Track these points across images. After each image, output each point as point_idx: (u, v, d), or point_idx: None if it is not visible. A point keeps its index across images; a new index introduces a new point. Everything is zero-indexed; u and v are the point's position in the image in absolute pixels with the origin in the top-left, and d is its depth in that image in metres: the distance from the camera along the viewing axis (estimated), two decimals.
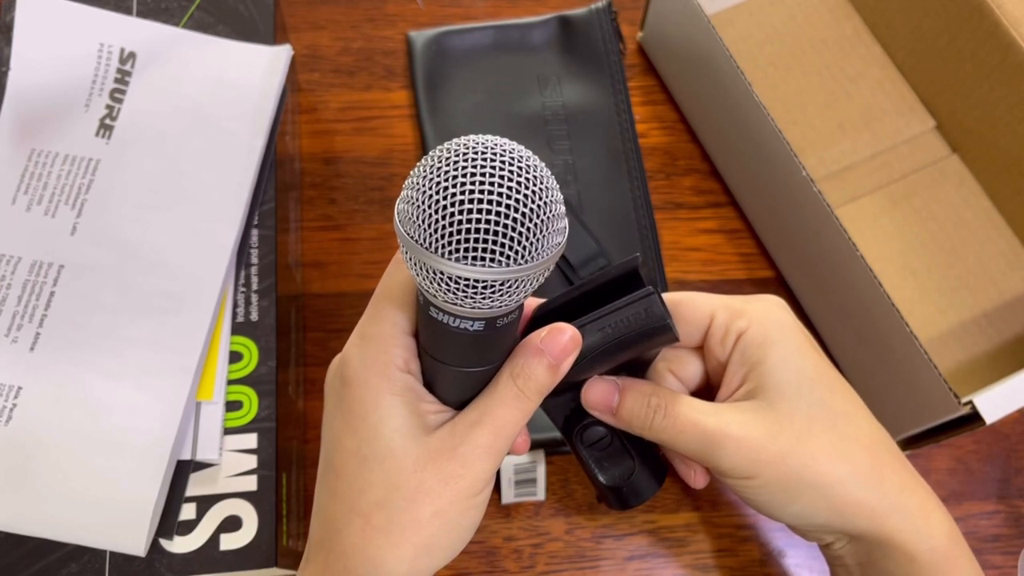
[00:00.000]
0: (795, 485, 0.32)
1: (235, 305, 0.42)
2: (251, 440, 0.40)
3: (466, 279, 0.23)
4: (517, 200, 0.22)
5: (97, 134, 0.44)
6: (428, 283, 0.24)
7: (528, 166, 0.23)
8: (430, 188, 0.23)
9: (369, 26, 0.61)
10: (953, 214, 0.56)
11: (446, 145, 0.23)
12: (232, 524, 0.39)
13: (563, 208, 0.24)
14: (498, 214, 0.22)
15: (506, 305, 0.25)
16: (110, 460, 0.38)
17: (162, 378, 0.40)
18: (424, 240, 0.23)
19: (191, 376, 0.40)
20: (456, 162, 0.23)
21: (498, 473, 0.46)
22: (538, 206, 0.23)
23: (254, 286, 0.43)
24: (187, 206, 0.43)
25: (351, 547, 0.29)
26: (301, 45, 0.60)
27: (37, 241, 0.41)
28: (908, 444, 0.49)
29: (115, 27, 0.47)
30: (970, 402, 0.41)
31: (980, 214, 0.56)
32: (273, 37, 0.48)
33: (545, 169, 0.24)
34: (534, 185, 0.23)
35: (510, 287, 0.24)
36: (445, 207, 0.22)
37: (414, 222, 0.23)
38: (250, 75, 0.46)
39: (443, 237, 0.22)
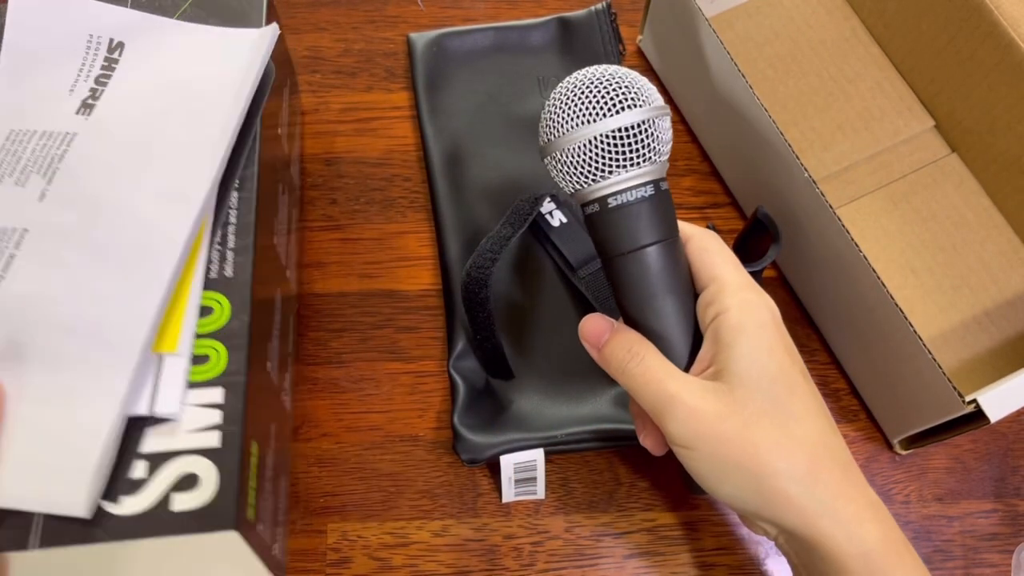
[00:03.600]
0: (731, 466, 0.34)
1: (208, 262, 0.40)
2: (216, 395, 0.36)
3: (625, 127, 0.34)
4: (623, 77, 0.35)
5: (77, 112, 0.43)
6: (603, 159, 0.35)
7: (622, 74, 0.35)
8: (574, 101, 0.35)
9: (370, 28, 0.61)
10: (953, 213, 0.56)
11: (563, 86, 0.36)
12: (188, 483, 0.34)
13: (643, 84, 0.36)
14: (616, 90, 0.35)
15: (659, 154, 0.35)
16: (56, 416, 0.35)
17: (115, 329, 0.37)
18: (586, 120, 0.35)
19: (147, 326, 0.37)
20: (581, 84, 0.35)
21: (497, 472, 0.47)
22: (634, 78, 0.35)
23: (230, 244, 0.41)
24: (159, 166, 0.42)
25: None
26: (302, 47, 0.60)
27: (3, 209, 0.40)
28: (910, 443, 0.49)
29: (105, 17, 0.47)
30: (974, 401, 0.41)
31: (980, 213, 0.56)
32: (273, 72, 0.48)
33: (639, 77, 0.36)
34: (629, 76, 0.35)
35: (650, 130, 0.35)
36: (589, 100, 0.35)
37: (571, 121, 0.35)
38: (236, 54, 0.46)
39: (598, 108, 0.34)
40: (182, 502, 0.34)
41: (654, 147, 0.35)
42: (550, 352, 0.50)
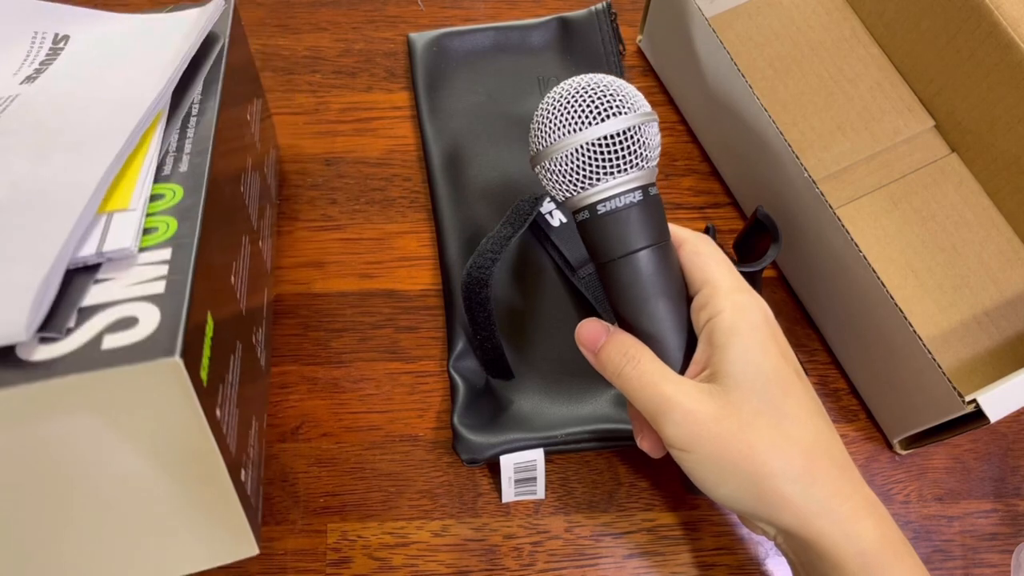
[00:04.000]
0: (728, 468, 0.34)
1: (161, 164, 0.37)
2: (164, 254, 0.32)
3: (611, 134, 0.35)
4: (608, 85, 0.35)
5: (21, 84, 0.43)
6: (590, 167, 0.35)
7: (608, 82, 0.36)
8: (560, 110, 0.35)
9: (370, 28, 0.61)
10: (953, 213, 0.56)
11: (550, 96, 0.36)
12: (124, 324, 0.29)
13: (629, 92, 0.36)
14: (600, 98, 0.35)
15: (646, 160, 0.36)
16: None
17: (70, 174, 0.34)
18: (572, 129, 0.35)
19: (92, 186, 0.34)
20: (567, 94, 0.36)
21: (497, 472, 0.47)
22: (620, 86, 0.36)
23: (186, 149, 0.38)
24: (110, 86, 0.41)
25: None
26: (302, 47, 0.60)
27: None
28: (910, 443, 0.49)
29: (51, 15, 0.47)
30: (974, 401, 0.41)
31: (980, 213, 0.56)
32: (228, 34, 0.47)
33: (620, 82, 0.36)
34: (615, 84, 0.36)
35: (636, 136, 0.35)
36: (575, 110, 0.35)
37: (558, 131, 0.35)
38: (183, 20, 0.46)
39: (583, 117, 0.35)
40: (114, 341, 0.29)
41: (641, 153, 0.35)
42: (550, 352, 0.50)
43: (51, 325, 0.30)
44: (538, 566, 0.47)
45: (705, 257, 0.37)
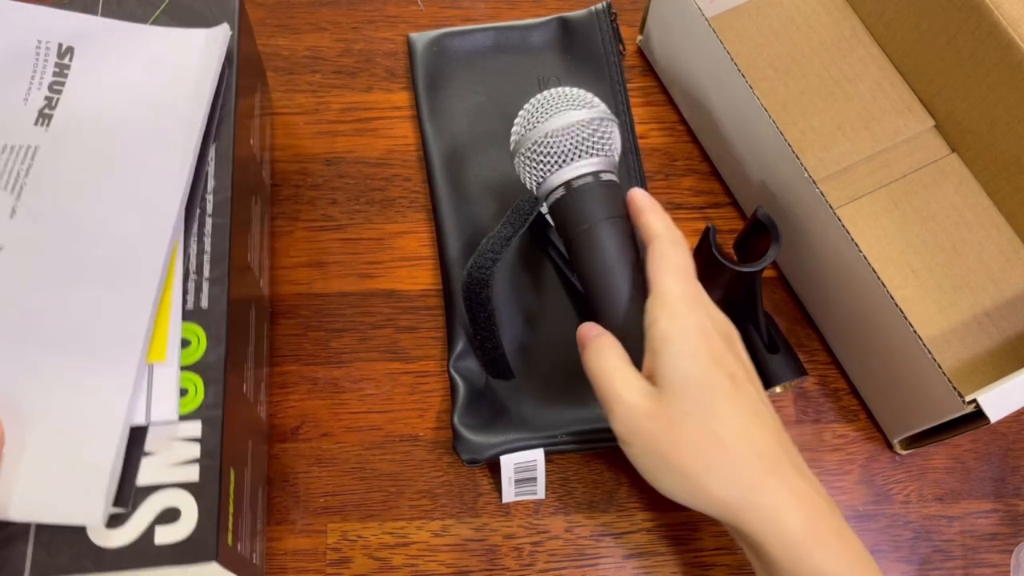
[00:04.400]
0: (661, 463, 0.37)
1: (184, 292, 0.41)
2: (195, 428, 0.38)
3: (592, 119, 0.43)
4: (580, 92, 0.45)
5: (36, 123, 0.43)
6: (574, 146, 0.43)
7: (580, 91, 0.45)
8: (541, 104, 0.45)
9: (370, 28, 0.61)
10: (953, 213, 0.56)
11: (534, 100, 0.45)
12: (170, 516, 0.36)
13: (596, 99, 0.45)
14: (575, 97, 0.44)
15: (614, 151, 0.44)
16: (60, 432, 0.37)
17: (110, 343, 0.38)
18: (552, 114, 0.43)
19: (141, 339, 0.38)
20: (551, 94, 0.45)
21: (498, 472, 0.47)
22: (588, 95, 0.45)
23: (205, 273, 0.41)
24: (127, 177, 0.42)
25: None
26: (302, 47, 0.60)
27: None
28: (910, 443, 0.49)
29: (53, 22, 0.46)
30: (974, 401, 0.41)
31: (980, 213, 0.56)
32: (237, 39, 0.48)
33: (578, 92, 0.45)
34: (585, 93, 0.45)
35: (601, 125, 0.43)
36: (559, 102, 0.44)
37: (539, 119, 0.44)
38: (187, 56, 0.46)
39: (560, 106, 0.44)
40: (164, 535, 0.36)
41: (609, 143, 0.44)
42: (550, 352, 0.50)
43: (120, 500, 0.36)
44: (538, 566, 0.47)
45: (664, 261, 0.40)
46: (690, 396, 0.37)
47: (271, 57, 0.60)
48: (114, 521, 0.36)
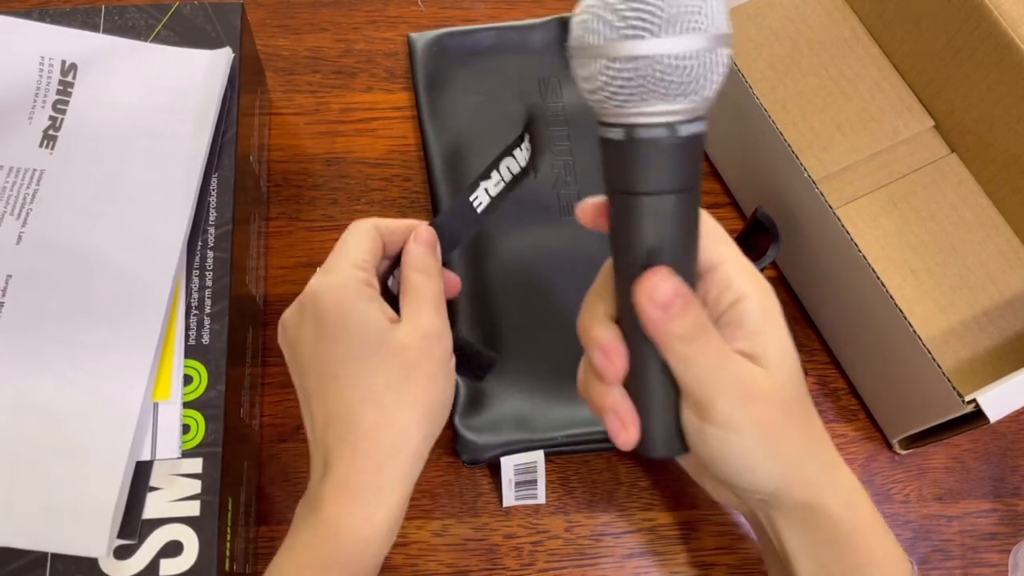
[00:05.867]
0: (761, 451, 0.33)
1: (187, 328, 0.42)
2: (196, 465, 0.40)
3: (687, 54, 0.28)
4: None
5: (41, 145, 0.44)
6: (653, 81, 0.28)
7: None
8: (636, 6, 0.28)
9: (370, 28, 0.61)
10: (952, 213, 0.56)
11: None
12: (173, 549, 0.39)
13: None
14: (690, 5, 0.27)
15: (711, 88, 0.29)
16: (67, 466, 0.38)
17: (116, 381, 0.39)
18: (648, 31, 0.27)
19: (145, 377, 0.40)
20: None
21: (498, 472, 0.47)
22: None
23: (207, 308, 0.43)
24: (132, 208, 0.43)
25: (373, 429, 0.34)
26: (303, 47, 0.60)
27: None
28: (909, 443, 0.49)
29: (55, 40, 0.46)
30: (973, 400, 0.41)
31: (979, 213, 0.56)
32: (240, 54, 0.48)
33: None
34: None
35: (711, 59, 0.28)
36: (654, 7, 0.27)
37: (628, 30, 0.27)
38: (190, 77, 0.46)
39: (662, 22, 0.27)
40: (168, 567, 0.38)
41: (711, 78, 0.29)
42: (551, 354, 0.50)
43: (127, 533, 0.38)
44: (538, 566, 0.47)
45: (715, 232, 0.35)
46: (794, 386, 0.34)
47: (271, 57, 0.60)
48: (123, 552, 0.38)
